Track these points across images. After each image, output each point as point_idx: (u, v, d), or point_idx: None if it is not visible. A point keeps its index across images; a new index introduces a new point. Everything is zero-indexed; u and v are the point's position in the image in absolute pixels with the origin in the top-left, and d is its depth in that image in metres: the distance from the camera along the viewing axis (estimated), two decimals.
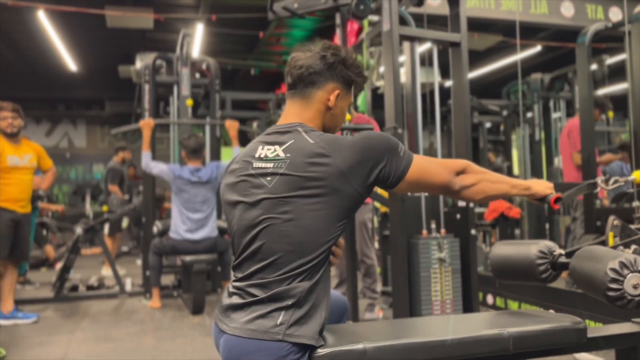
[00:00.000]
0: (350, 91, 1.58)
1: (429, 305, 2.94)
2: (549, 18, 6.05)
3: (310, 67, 1.51)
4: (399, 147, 1.46)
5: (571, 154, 4.60)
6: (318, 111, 1.53)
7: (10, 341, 3.60)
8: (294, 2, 3.48)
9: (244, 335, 1.32)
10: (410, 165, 1.46)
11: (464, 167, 1.54)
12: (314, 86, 1.52)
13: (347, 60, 1.54)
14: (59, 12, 6.79)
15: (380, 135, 1.46)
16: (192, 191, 4.46)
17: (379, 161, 1.42)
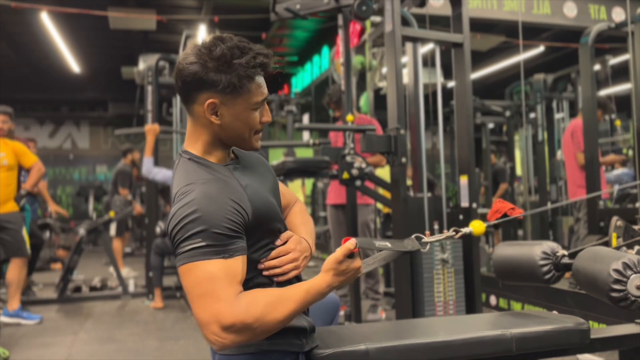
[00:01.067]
0: (239, 93, 1.25)
1: (431, 306, 2.94)
2: (551, 18, 6.04)
3: (179, 78, 1.28)
4: (195, 240, 1.16)
5: (575, 154, 4.58)
6: (203, 126, 1.30)
7: (14, 342, 3.61)
8: (296, 3, 3.49)
9: (231, 352, 1.29)
10: (183, 264, 1.17)
11: (245, 326, 1.14)
12: (189, 100, 1.29)
13: (219, 60, 1.23)
14: (62, 14, 6.82)
15: (190, 213, 1.17)
16: None
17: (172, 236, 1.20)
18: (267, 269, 1.31)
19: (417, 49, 3.40)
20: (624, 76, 4.99)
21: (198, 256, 1.15)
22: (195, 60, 1.25)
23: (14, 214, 4.15)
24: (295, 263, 1.34)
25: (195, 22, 7.58)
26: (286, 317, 1.20)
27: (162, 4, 7.42)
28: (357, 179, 3.32)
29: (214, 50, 1.24)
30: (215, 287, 1.14)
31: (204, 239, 1.16)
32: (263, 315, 1.16)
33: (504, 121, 7.92)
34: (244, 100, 1.27)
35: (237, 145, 1.36)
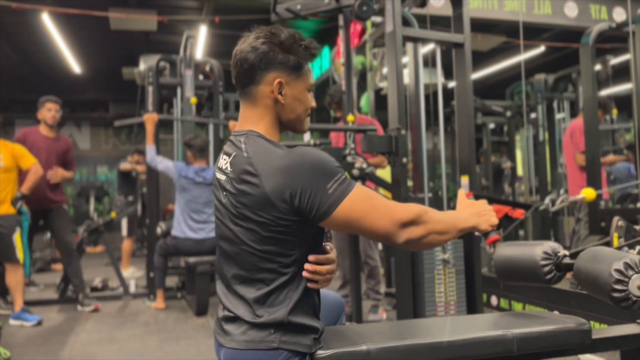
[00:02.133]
0: (300, 73, 1.39)
1: (432, 307, 2.94)
2: (552, 18, 6.04)
3: (245, 61, 1.36)
4: (333, 178, 1.27)
5: (574, 155, 4.59)
6: (266, 107, 1.39)
7: (15, 342, 3.62)
8: (297, 4, 3.49)
9: (240, 347, 1.30)
10: (340, 203, 1.26)
11: (414, 217, 1.32)
12: (254, 82, 1.37)
13: (284, 42, 1.36)
14: (63, 15, 6.82)
15: (317, 159, 1.28)
16: (195, 191, 4.45)
17: (305, 188, 1.25)
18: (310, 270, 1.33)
19: (417, 49, 3.40)
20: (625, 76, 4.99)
21: (348, 187, 1.28)
22: (265, 41, 1.36)
23: (7, 216, 4.12)
24: (331, 276, 1.38)
25: (195, 23, 7.58)
26: (441, 219, 1.36)
27: (162, 4, 7.42)
28: (358, 180, 3.32)
29: (279, 34, 1.37)
30: (379, 200, 1.32)
31: (342, 173, 1.29)
32: (425, 211, 1.34)
33: (505, 121, 7.92)
34: (303, 81, 1.40)
35: (293, 126, 1.44)
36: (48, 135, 4.74)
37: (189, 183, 4.46)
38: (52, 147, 4.72)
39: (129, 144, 12.90)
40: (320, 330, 1.37)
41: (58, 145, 4.78)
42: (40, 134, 4.72)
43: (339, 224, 1.28)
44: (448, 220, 1.38)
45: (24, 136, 4.67)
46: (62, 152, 4.80)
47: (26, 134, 4.71)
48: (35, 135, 4.69)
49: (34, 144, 4.59)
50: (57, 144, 4.79)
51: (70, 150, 4.90)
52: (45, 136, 4.72)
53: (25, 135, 4.68)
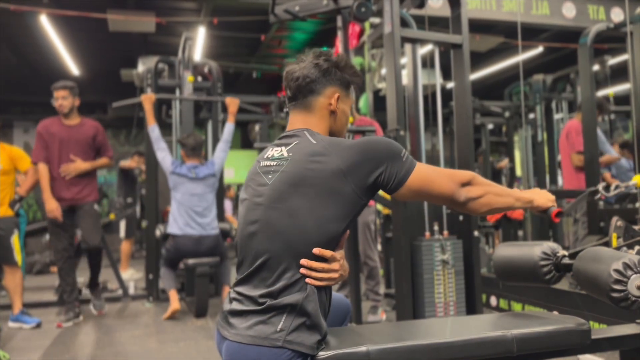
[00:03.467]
0: (349, 92, 1.62)
1: (432, 307, 2.94)
2: (550, 19, 6.05)
3: (307, 76, 1.55)
4: (402, 153, 1.47)
5: (570, 155, 4.59)
6: (322, 117, 1.56)
7: (14, 345, 3.61)
8: (295, 5, 3.49)
9: (244, 341, 1.32)
10: (412, 172, 1.46)
11: (470, 178, 1.53)
12: (313, 94, 1.55)
13: (339, 63, 1.58)
14: (62, 17, 6.82)
15: (383, 139, 1.48)
16: (189, 186, 4.46)
17: (379, 164, 1.44)
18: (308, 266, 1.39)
19: (416, 50, 3.41)
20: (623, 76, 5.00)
21: (414, 161, 1.49)
22: (327, 60, 1.57)
23: (5, 219, 4.11)
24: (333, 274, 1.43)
25: (194, 25, 7.58)
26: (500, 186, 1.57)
27: (161, 6, 7.42)
28: None
29: (336, 57, 1.60)
30: (439, 168, 1.53)
31: (404, 151, 1.50)
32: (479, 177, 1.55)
33: (504, 122, 7.93)
34: (349, 100, 1.63)
35: (337, 136, 1.61)
36: (68, 124, 4.37)
37: (182, 179, 4.47)
38: (72, 136, 4.34)
39: (127, 146, 12.89)
40: (324, 332, 1.39)
41: (80, 133, 4.38)
42: (59, 124, 4.36)
43: (412, 189, 1.47)
44: (504, 188, 1.59)
45: (43, 128, 4.34)
46: (86, 140, 4.40)
47: (46, 126, 4.36)
48: (54, 127, 4.34)
49: (52, 136, 4.29)
50: (79, 131, 4.39)
51: (98, 134, 4.50)
52: (64, 125, 4.36)
53: (45, 128, 4.35)
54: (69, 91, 4.34)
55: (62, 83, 4.37)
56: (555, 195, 1.68)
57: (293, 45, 9.51)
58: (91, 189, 4.41)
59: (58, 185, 4.27)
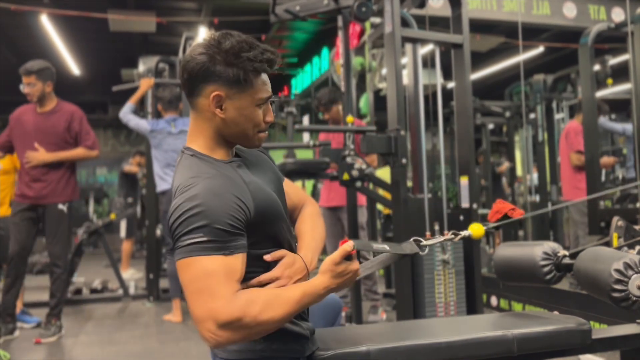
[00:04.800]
0: (243, 88, 1.26)
1: (432, 307, 2.94)
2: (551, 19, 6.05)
3: (184, 71, 1.28)
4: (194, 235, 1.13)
5: (569, 155, 4.61)
6: (206, 120, 1.30)
7: (15, 345, 3.61)
8: (296, 5, 3.49)
9: (232, 357, 1.28)
10: (181, 259, 1.15)
11: (241, 325, 1.12)
12: (194, 94, 1.29)
13: (227, 53, 1.24)
14: (62, 17, 6.82)
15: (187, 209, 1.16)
16: (170, 140, 4.32)
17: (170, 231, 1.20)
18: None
19: (416, 50, 3.41)
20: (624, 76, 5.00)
21: (198, 251, 1.13)
22: (204, 52, 1.26)
23: (6, 218, 4.10)
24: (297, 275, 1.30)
25: (194, 24, 7.58)
26: (282, 317, 1.17)
27: (161, 6, 7.42)
28: (357, 180, 3.32)
29: (222, 43, 1.25)
30: (212, 284, 1.12)
31: (205, 234, 1.14)
32: (259, 315, 1.13)
33: (504, 122, 7.92)
34: (248, 95, 1.28)
35: (240, 142, 1.35)
36: (39, 111, 3.83)
37: (163, 135, 4.31)
38: (40, 124, 3.79)
39: (128, 146, 12.90)
40: (309, 332, 1.35)
41: (49, 121, 3.80)
42: (33, 112, 3.85)
43: None
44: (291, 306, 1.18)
45: (14, 116, 3.88)
46: (56, 128, 3.79)
47: (19, 113, 3.88)
48: (27, 115, 3.84)
49: (21, 124, 3.81)
50: (49, 119, 3.81)
51: (73, 121, 3.84)
52: (36, 113, 3.83)
53: (16, 115, 3.88)
54: (35, 76, 3.76)
55: (28, 65, 3.80)
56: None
57: (294, 45, 9.51)
58: (57, 187, 3.78)
59: (21, 181, 3.80)
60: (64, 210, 3.80)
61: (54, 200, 3.76)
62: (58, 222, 3.77)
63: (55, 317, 3.77)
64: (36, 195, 3.74)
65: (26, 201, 3.75)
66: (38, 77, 3.77)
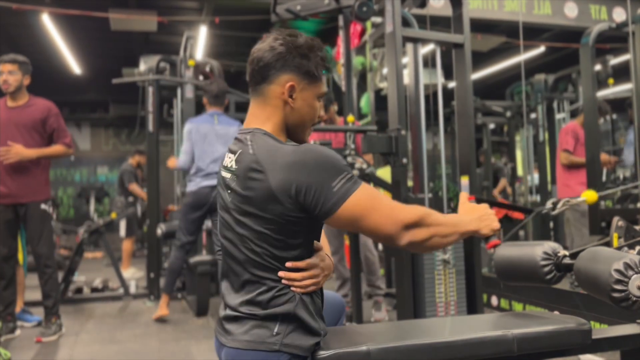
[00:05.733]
0: (313, 82, 1.40)
1: (433, 307, 2.94)
2: (552, 19, 6.04)
3: (260, 60, 1.39)
4: (339, 177, 1.27)
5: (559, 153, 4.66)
6: (275, 107, 1.40)
7: (16, 343, 3.61)
8: (297, 5, 3.49)
9: (242, 347, 1.31)
10: (345, 202, 1.27)
11: (418, 219, 1.32)
12: (266, 81, 1.39)
13: (301, 48, 1.38)
14: (63, 16, 6.82)
15: (323, 156, 1.29)
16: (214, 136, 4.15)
17: (310, 184, 1.26)
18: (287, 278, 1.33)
19: (417, 50, 3.40)
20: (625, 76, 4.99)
21: (354, 185, 1.28)
22: (283, 43, 1.38)
23: None
24: (316, 279, 1.37)
25: (196, 24, 7.58)
26: (444, 221, 1.37)
27: (162, 5, 7.42)
28: None
29: (298, 39, 1.40)
30: (383, 200, 1.31)
31: (348, 171, 1.30)
32: (429, 213, 1.34)
33: (505, 121, 7.92)
34: (314, 88, 1.41)
35: (296, 132, 1.45)
36: (12, 105, 3.69)
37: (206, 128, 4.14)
38: (13, 118, 3.63)
39: (129, 145, 12.90)
40: (322, 334, 1.38)
41: (23, 115, 3.66)
42: (3, 106, 3.70)
43: (342, 222, 1.30)
44: (451, 223, 1.39)
45: None
46: (32, 123, 3.66)
47: None
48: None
49: None
50: (23, 113, 3.67)
51: (49, 117, 3.70)
52: (8, 107, 3.69)
53: None
54: (18, 66, 3.66)
55: (11, 56, 3.70)
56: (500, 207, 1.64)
57: None
58: (37, 186, 3.69)
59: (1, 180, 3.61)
60: (46, 210, 3.74)
61: (35, 199, 3.68)
62: (42, 222, 3.71)
63: (55, 316, 3.77)
64: (16, 193, 3.63)
65: (5, 201, 3.63)
66: (20, 67, 3.69)
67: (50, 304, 3.76)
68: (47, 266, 3.74)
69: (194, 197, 4.13)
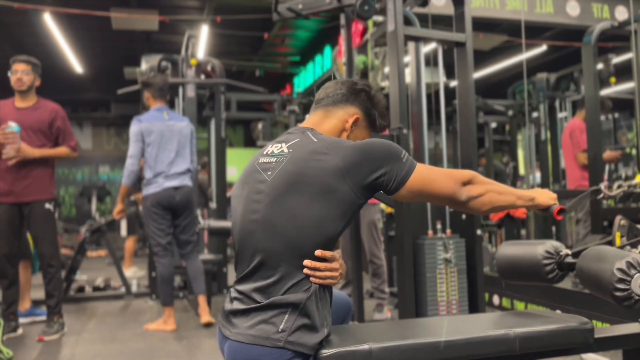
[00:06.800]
0: (369, 124, 1.65)
1: (434, 306, 2.94)
2: (554, 17, 6.02)
3: (340, 88, 1.63)
4: (402, 154, 1.48)
5: (574, 154, 4.59)
6: (334, 127, 1.60)
7: (18, 342, 3.62)
8: (298, 3, 3.48)
9: (246, 341, 1.32)
10: (412, 172, 1.46)
11: (471, 177, 1.52)
12: (337, 105, 1.62)
13: (373, 96, 1.65)
14: (65, 15, 6.83)
15: (384, 141, 1.48)
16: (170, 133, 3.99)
17: (380, 165, 1.44)
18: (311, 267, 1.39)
19: (419, 49, 3.40)
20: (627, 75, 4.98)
21: (413, 162, 1.49)
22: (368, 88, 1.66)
23: None
24: (334, 273, 1.43)
25: (197, 23, 7.59)
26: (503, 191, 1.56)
27: (164, 4, 7.43)
28: None
29: (379, 97, 1.68)
30: (439, 168, 1.55)
31: (405, 152, 1.50)
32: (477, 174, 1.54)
33: (507, 120, 7.91)
34: (366, 130, 1.66)
35: None
36: (21, 106, 3.74)
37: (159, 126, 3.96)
38: (22, 119, 3.67)
39: None
40: (328, 332, 1.39)
41: (32, 116, 3.72)
42: (11, 106, 3.74)
43: (412, 190, 1.47)
44: (505, 186, 1.59)
45: None
46: (40, 124, 3.72)
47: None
48: (5, 109, 3.71)
49: (1, 120, 3.65)
50: (32, 114, 3.73)
51: (57, 119, 3.78)
52: (16, 108, 3.73)
53: None
54: (31, 67, 3.76)
55: (25, 56, 3.80)
56: (558, 195, 1.67)
57: (296, 43, 9.51)
58: (42, 185, 3.72)
59: (4, 178, 3.65)
60: (50, 210, 3.77)
61: (40, 198, 3.70)
62: (46, 222, 3.73)
63: (58, 315, 3.78)
64: (21, 192, 3.66)
65: (9, 199, 3.65)
66: (33, 69, 3.79)
67: (53, 303, 3.77)
68: (50, 265, 3.75)
69: (158, 197, 3.91)
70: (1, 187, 3.65)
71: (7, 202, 3.65)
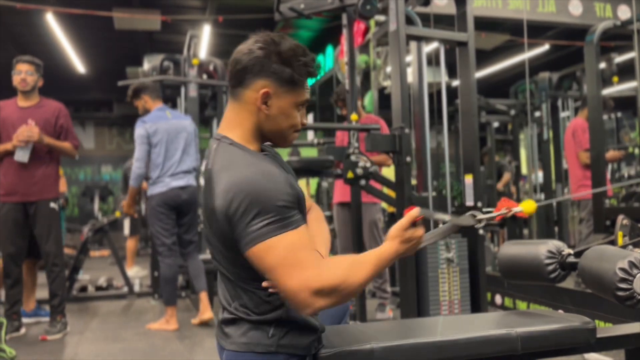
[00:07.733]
0: (293, 89, 1.33)
1: (436, 306, 2.94)
2: (556, 17, 6.02)
3: (238, 63, 1.32)
4: (263, 216, 1.19)
5: (577, 153, 4.59)
6: (249, 113, 1.33)
7: (21, 341, 3.63)
8: (300, 3, 3.49)
9: (240, 349, 1.31)
10: (255, 245, 1.20)
11: (333, 289, 1.20)
12: (242, 85, 1.32)
13: (282, 53, 1.30)
14: (67, 15, 6.84)
15: (255, 189, 1.21)
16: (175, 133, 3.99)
17: (234, 215, 1.21)
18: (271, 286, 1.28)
19: (421, 48, 3.39)
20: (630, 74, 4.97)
21: (274, 231, 1.19)
22: (263, 47, 1.30)
23: None
24: None
25: (199, 22, 7.59)
26: (365, 279, 1.25)
27: (166, 4, 7.43)
28: (362, 178, 3.32)
29: (280, 43, 1.31)
30: (299, 257, 1.20)
31: (274, 214, 1.19)
32: (346, 278, 1.22)
33: (509, 120, 7.89)
34: (293, 96, 1.33)
35: (274, 139, 1.39)
36: (24, 105, 3.75)
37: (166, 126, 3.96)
38: (25, 118, 3.68)
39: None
40: (319, 331, 1.37)
41: (38, 115, 3.73)
42: (13, 105, 3.75)
43: (252, 261, 1.23)
44: (364, 269, 1.26)
45: None
46: (45, 123, 3.73)
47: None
48: (6, 109, 3.72)
49: (5, 119, 3.67)
50: (35, 113, 3.74)
51: (60, 117, 3.80)
52: (19, 107, 3.74)
53: None
54: (35, 67, 3.78)
55: (29, 57, 3.81)
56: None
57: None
58: (47, 184, 3.74)
59: (7, 178, 3.65)
60: (55, 209, 3.78)
61: (45, 197, 3.71)
62: (50, 221, 3.75)
63: (60, 314, 3.79)
64: (26, 191, 3.66)
65: (15, 199, 3.66)
66: (37, 69, 3.81)
67: (57, 303, 3.78)
68: (55, 265, 3.75)
69: (165, 197, 3.89)
70: (6, 186, 3.66)
71: (12, 201, 3.66)
